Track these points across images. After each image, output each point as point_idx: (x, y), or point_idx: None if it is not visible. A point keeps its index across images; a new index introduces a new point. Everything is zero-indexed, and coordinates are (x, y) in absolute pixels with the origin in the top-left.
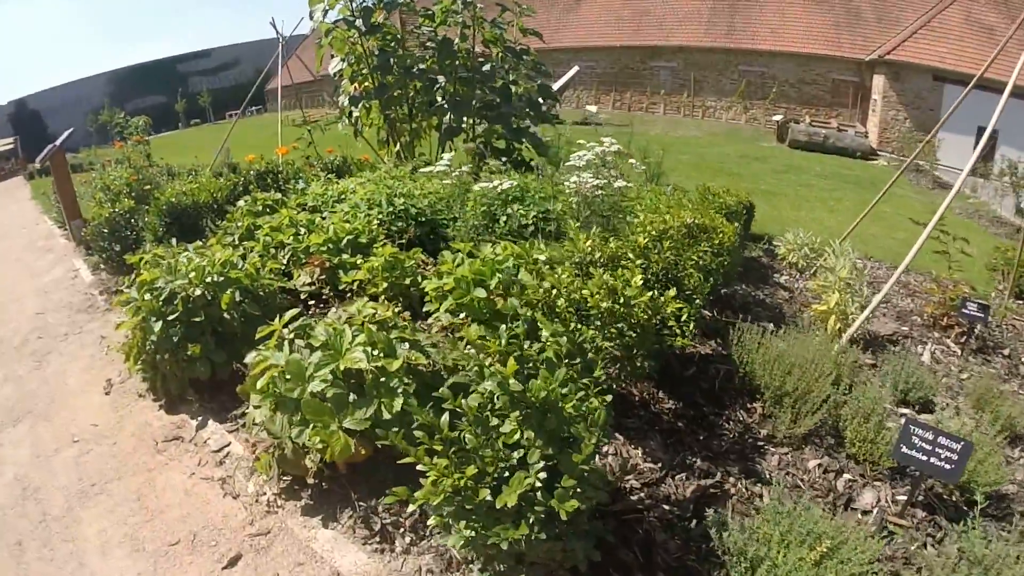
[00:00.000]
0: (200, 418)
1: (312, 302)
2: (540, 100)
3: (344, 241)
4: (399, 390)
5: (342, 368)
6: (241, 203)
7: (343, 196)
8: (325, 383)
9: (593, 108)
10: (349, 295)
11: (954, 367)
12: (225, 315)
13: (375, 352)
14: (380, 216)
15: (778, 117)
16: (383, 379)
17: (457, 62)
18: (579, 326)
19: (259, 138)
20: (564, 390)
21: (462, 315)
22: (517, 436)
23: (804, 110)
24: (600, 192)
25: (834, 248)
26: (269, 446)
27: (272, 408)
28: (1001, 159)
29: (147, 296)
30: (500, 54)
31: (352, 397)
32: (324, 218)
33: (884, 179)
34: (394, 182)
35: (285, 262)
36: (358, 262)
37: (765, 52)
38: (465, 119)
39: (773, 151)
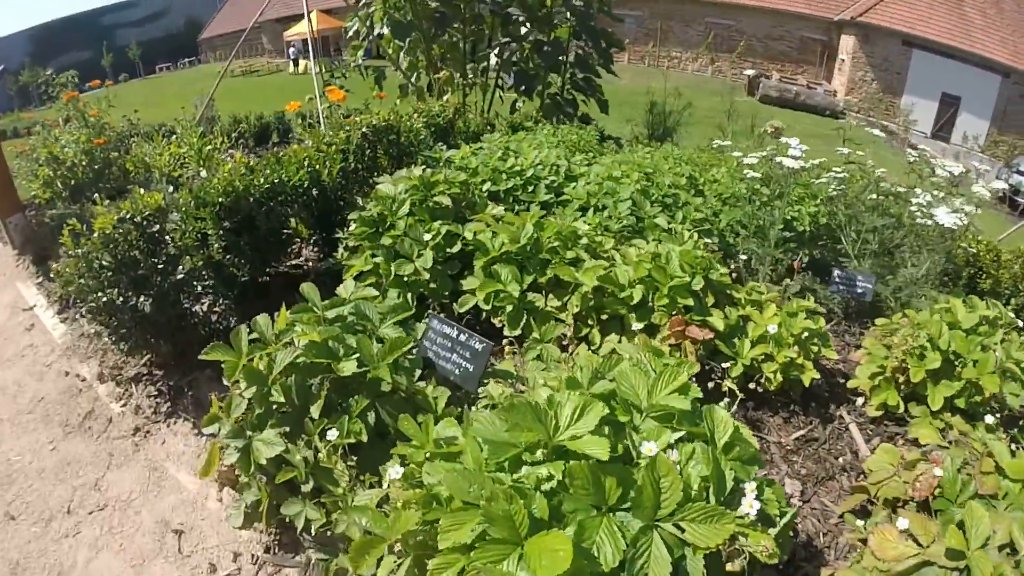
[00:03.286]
0: None
1: None
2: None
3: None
4: None
5: None
6: (388, 187)
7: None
8: None
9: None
10: None
11: None
12: None
13: None
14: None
15: (750, 71)
16: None
17: None
18: None
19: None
20: None
21: None
22: None
23: (771, 65)
24: None
25: None
26: None
27: None
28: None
29: None
30: None
31: None
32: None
33: (865, 140)
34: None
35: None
36: None
37: (735, 5)
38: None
39: (752, 106)
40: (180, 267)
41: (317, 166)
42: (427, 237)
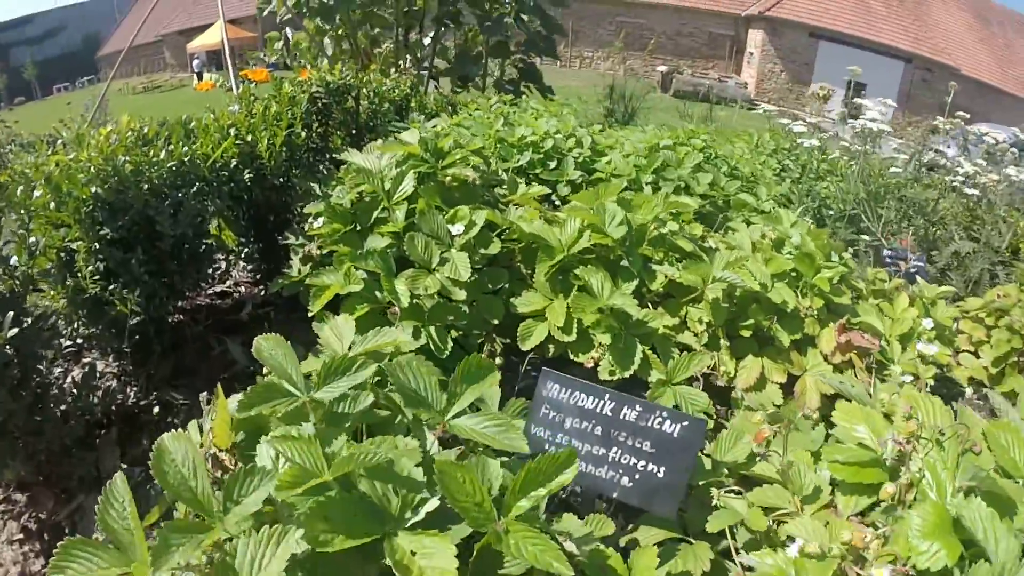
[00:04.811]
0: None
1: None
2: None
3: None
4: None
5: None
6: (368, 158)
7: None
8: None
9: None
10: None
11: None
12: None
13: None
14: None
15: (663, 68)
16: None
17: None
18: None
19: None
20: None
21: None
22: None
23: (681, 62)
24: None
25: None
26: None
27: None
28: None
29: None
30: None
31: None
32: None
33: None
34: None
35: None
36: None
37: (644, 4)
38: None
39: (665, 100)
40: (26, 311)
41: (250, 136)
42: (455, 230)
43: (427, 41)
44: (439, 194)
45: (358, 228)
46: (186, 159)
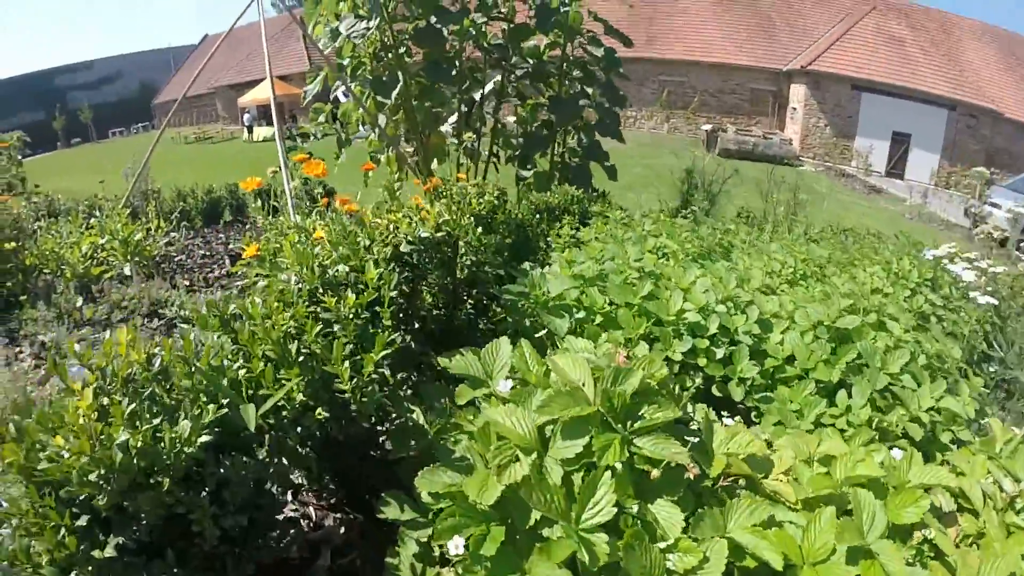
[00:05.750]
0: None
1: None
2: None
3: None
4: None
5: None
6: None
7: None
8: None
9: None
10: None
11: None
12: None
13: None
14: None
15: (707, 127)
16: None
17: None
18: None
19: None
20: None
21: None
22: None
23: (725, 119)
24: None
25: None
26: None
27: None
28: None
29: None
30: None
31: None
32: None
33: (826, 184)
34: None
35: None
36: None
37: (685, 62)
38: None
39: (716, 161)
40: None
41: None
42: None
43: (490, 119)
44: (631, 485)
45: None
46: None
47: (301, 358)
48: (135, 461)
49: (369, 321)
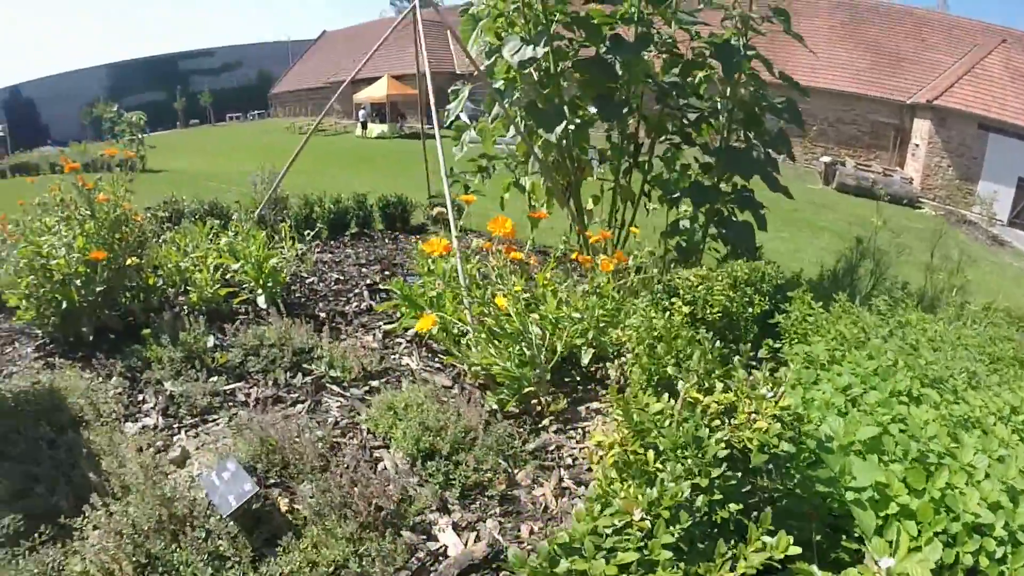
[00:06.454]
0: None
1: None
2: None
3: None
4: None
5: None
6: None
7: None
8: None
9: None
10: None
11: None
12: None
13: None
14: None
15: (825, 158)
16: None
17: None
18: None
19: (270, 144)
20: None
21: None
22: None
23: (843, 150)
24: None
25: None
26: None
27: None
28: None
29: None
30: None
31: None
32: None
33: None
34: None
35: None
36: None
37: (804, 87)
38: None
39: (831, 197)
40: None
41: None
42: None
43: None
44: None
45: None
46: None
47: None
48: None
49: None
